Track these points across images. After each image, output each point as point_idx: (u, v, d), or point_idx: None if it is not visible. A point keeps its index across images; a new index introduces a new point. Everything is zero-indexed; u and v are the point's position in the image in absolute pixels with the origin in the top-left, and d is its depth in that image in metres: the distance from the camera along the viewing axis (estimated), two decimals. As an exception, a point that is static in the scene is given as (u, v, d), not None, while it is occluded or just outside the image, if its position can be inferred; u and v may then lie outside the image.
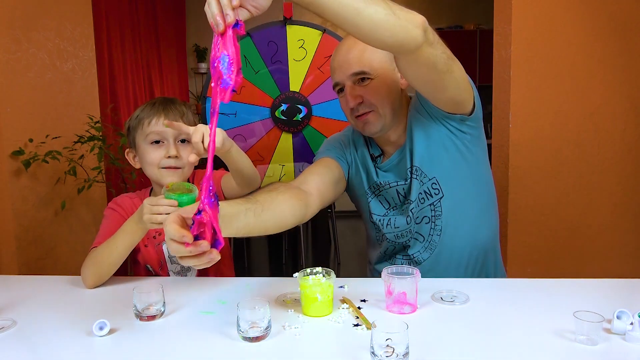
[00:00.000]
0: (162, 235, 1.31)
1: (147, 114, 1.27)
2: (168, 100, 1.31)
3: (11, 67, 1.93)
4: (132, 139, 1.31)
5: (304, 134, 2.20)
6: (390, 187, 1.29)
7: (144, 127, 1.27)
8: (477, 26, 5.13)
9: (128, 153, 1.34)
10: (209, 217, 0.75)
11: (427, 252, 1.26)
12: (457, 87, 1.12)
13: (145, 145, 1.27)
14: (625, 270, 2.04)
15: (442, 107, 1.17)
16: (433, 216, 1.24)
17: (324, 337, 0.88)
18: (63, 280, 1.24)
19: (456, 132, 1.19)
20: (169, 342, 0.89)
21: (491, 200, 1.30)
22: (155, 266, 1.33)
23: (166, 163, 1.26)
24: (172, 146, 1.26)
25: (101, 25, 3.31)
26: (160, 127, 1.25)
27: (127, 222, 1.19)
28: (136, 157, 1.32)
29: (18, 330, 0.94)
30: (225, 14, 0.77)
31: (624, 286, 1.10)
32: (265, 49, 2.16)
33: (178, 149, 1.26)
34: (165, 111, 1.26)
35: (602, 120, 1.99)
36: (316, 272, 1.00)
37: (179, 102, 1.32)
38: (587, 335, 0.82)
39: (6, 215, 1.92)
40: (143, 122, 1.27)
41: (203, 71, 5.32)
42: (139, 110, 1.30)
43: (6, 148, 1.90)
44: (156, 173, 1.28)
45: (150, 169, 1.28)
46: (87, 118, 2.26)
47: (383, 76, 1.20)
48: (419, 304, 1.00)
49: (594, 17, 1.94)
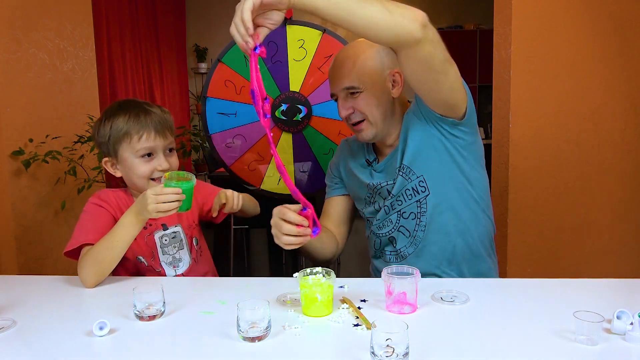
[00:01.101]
0: (153, 226, 1.33)
1: (134, 129, 1.24)
2: (145, 109, 1.27)
3: (11, 67, 1.94)
4: (111, 149, 1.28)
5: (304, 134, 2.20)
6: (381, 187, 1.33)
7: (132, 142, 1.25)
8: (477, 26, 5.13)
9: (106, 162, 1.32)
10: (311, 212, 1.03)
11: (412, 246, 1.30)
12: (450, 89, 1.15)
13: (134, 158, 1.26)
14: (625, 270, 2.04)
15: (435, 109, 1.20)
16: (419, 212, 1.28)
17: (324, 337, 0.88)
18: (63, 280, 1.24)
19: (448, 136, 1.23)
20: (169, 342, 0.89)
21: (483, 204, 1.30)
22: (147, 257, 1.33)
23: (157, 174, 1.28)
24: (163, 159, 1.28)
25: (101, 25, 3.31)
26: (152, 142, 1.25)
27: (124, 216, 1.18)
28: (115, 165, 1.31)
29: (18, 330, 0.94)
30: (245, 41, 0.92)
31: (624, 286, 1.10)
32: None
33: (168, 160, 1.29)
34: (154, 124, 1.25)
35: (602, 120, 1.99)
36: (316, 272, 1.00)
37: (156, 107, 1.31)
38: (587, 335, 0.82)
39: (6, 215, 1.92)
40: (132, 136, 1.25)
41: (203, 71, 5.32)
42: (120, 122, 1.25)
43: (6, 148, 1.90)
44: (145, 185, 1.28)
45: (139, 181, 1.28)
46: (87, 118, 2.26)
47: (372, 88, 1.25)
48: (419, 304, 1.00)
49: (594, 17, 1.94)
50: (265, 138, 2.22)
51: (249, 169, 2.23)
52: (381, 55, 1.26)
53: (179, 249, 1.35)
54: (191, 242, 1.37)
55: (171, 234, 1.34)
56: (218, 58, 2.17)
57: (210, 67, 2.21)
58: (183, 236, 1.36)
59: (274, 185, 2.25)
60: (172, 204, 1.12)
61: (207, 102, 2.18)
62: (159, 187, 1.13)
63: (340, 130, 2.18)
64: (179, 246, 1.35)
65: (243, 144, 2.21)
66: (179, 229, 1.36)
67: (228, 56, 2.16)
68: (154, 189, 1.12)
